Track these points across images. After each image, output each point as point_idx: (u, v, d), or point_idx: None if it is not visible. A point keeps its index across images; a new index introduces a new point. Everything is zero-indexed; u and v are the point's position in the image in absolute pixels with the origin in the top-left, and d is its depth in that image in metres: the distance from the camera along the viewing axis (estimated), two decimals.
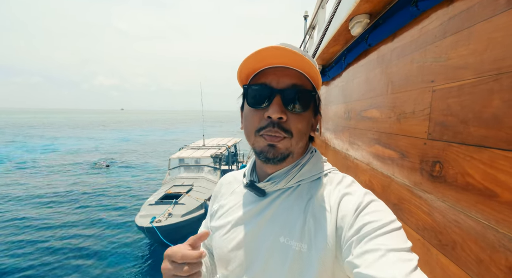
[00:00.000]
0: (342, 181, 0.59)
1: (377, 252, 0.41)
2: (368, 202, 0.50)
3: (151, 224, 6.22)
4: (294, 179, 0.59)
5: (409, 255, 0.42)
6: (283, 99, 0.55)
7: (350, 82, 1.89)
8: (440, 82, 0.80)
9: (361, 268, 0.42)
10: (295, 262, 0.52)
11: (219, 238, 0.66)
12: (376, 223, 0.45)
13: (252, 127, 0.58)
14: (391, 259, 0.40)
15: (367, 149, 1.47)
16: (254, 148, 0.59)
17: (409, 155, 0.98)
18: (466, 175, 0.67)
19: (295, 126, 0.56)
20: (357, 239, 0.45)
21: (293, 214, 0.56)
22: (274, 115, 0.54)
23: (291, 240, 0.54)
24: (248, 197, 0.66)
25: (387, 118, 1.20)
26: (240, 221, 0.64)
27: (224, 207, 0.71)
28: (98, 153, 21.23)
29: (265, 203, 0.61)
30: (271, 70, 0.57)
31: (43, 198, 10.50)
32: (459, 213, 0.69)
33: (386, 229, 0.44)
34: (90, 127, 52.70)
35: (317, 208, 0.55)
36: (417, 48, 0.96)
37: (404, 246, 0.43)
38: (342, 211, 0.51)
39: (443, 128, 0.78)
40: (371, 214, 0.48)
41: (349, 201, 0.52)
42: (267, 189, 0.61)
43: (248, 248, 0.60)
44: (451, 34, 0.76)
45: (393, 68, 1.17)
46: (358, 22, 1.38)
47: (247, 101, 0.59)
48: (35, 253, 6.77)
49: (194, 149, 10.90)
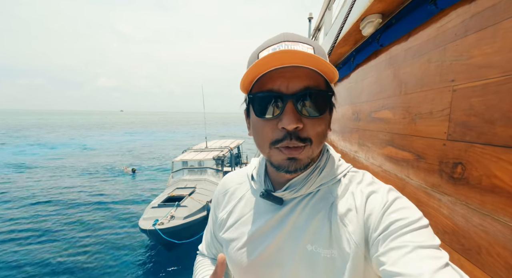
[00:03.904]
0: (363, 179, 0.56)
1: (404, 249, 0.40)
2: (393, 200, 0.48)
3: (153, 226, 6.23)
4: (315, 184, 0.56)
5: (438, 253, 0.40)
6: (296, 105, 0.48)
7: (359, 83, 1.87)
8: (462, 82, 0.78)
9: (386, 265, 0.40)
10: (326, 269, 0.50)
11: (235, 251, 0.61)
12: (403, 220, 0.44)
13: (265, 140, 0.51)
14: (418, 255, 0.39)
15: (378, 150, 1.44)
16: (272, 161, 0.53)
17: (426, 156, 0.95)
18: (492, 177, 0.65)
19: (314, 132, 0.50)
20: (384, 237, 0.44)
21: (317, 220, 0.53)
22: (289, 126, 0.47)
23: (319, 247, 0.51)
24: (262, 205, 0.61)
25: (401, 119, 1.18)
26: (257, 232, 0.59)
27: (234, 216, 0.65)
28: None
29: (285, 211, 0.57)
30: (277, 72, 0.48)
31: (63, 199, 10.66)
32: (485, 216, 0.67)
33: (413, 226, 0.43)
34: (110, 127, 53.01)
35: (342, 211, 0.52)
36: (434, 47, 0.94)
37: (432, 243, 0.41)
38: (368, 210, 0.49)
39: (465, 128, 0.75)
40: (398, 212, 0.46)
41: (374, 200, 0.50)
42: (285, 197, 0.57)
43: (273, 260, 0.56)
44: (473, 32, 0.74)
45: (407, 68, 1.15)
46: (370, 22, 1.36)
47: (254, 111, 0.52)
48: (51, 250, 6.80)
49: (197, 151, 10.92)
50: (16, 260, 6.50)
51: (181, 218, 6.72)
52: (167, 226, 6.38)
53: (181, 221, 6.66)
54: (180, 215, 6.80)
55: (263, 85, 0.50)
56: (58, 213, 9.27)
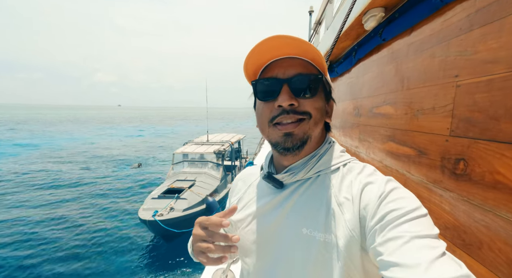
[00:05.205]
0: (363, 170, 0.57)
1: (401, 239, 0.40)
2: (390, 190, 0.48)
3: (153, 217, 6.29)
4: (312, 170, 0.58)
5: (435, 242, 0.40)
6: (291, 87, 0.55)
7: (361, 78, 1.86)
8: (466, 77, 0.77)
9: (384, 255, 0.41)
10: (319, 253, 0.52)
11: (241, 230, 0.66)
12: (399, 210, 0.44)
13: (264, 119, 0.59)
14: (415, 245, 0.39)
15: (379, 146, 1.44)
16: (270, 140, 0.59)
17: (428, 152, 0.95)
18: (495, 173, 0.65)
19: (311, 107, 0.56)
20: (380, 227, 0.44)
21: (314, 205, 0.55)
22: (284, 103, 0.54)
23: (314, 231, 0.53)
24: (266, 189, 0.65)
25: (402, 115, 1.18)
26: (259, 213, 0.63)
27: (243, 200, 0.70)
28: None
29: (284, 194, 0.60)
30: (277, 63, 0.58)
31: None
32: (487, 212, 0.67)
33: (410, 216, 0.43)
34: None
35: (339, 198, 0.54)
36: (438, 42, 0.93)
37: (430, 233, 0.41)
38: (365, 200, 0.50)
39: (469, 124, 0.75)
40: (395, 202, 0.46)
41: (371, 190, 0.50)
42: (285, 180, 0.60)
43: (270, 241, 0.59)
44: (479, 26, 0.73)
45: (410, 63, 1.14)
46: (372, 16, 1.34)
47: (257, 96, 0.60)
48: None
49: (198, 144, 10.92)
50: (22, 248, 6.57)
51: (180, 210, 6.78)
52: (167, 217, 6.44)
53: (180, 213, 6.71)
54: (179, 207, 6.85)
55: (265, 74, 0.60)
56: (58, 205, 9.33)
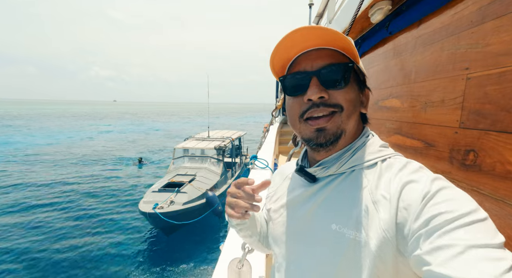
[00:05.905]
0: (406, 166, 0.50)
1: (454, 248, 0.35)
2: (438, 189, 0.42)
3: (153, 210, 6.34)
4: (346, 164, 0.55)
5: (499, 252, 0.34)
6: (320, 79, 0.52)
7: (366, 72, 1.86)
8: (477, 70, 0.78)
9: (433, 266, 0.36)
10: (349, 250, 0.49)
11: (274, 220, 0.68)
12: (450, 213, 0.38)
13: (294, 114, 0.57)
14: (473, 256, 0.34)
15: (385, 139, 1.46)
16: (302, 136, 0.57)
17: (436, 144, 0.97)
18: (506, 163, 0.66)
19: (342, 98, 0.52)
20: (426, 232, 0.39)
21: (347, 200, 0.52)
22: (314, 96, 0.52)
23: (344, 227, 0.50)
24: (299, 181, 0.64)
25: (410, 108, 1.19)
26: (290, 205, 0.64)
27: (278, 193, 0.72)
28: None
29: (316, 188, 0.58)
30: (304, 56, 0.55)
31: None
32: (497, 201, 0.69)
33: (464, 220, 0.37)
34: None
35: (374, 195, 0.49)
36: (448, 34, 0.94)
37: (491, 242, 0.35)
38: (405, 201, 0.45)
39: (479, 116, 0.76)
40: (443, 204, 0.40)
41: (413, 189, 0.45)
42: (318, 174, 0.58)
43: (298, 233, 0.59)
44: (491, 19, 0.74)
45: (418, 56, 1.14)
46: (379, 9, 1.34)
47: (286, 93, 0.58)
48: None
49: (199, 140, 10.97)
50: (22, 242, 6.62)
51: (181, 204, 6.85)
52: (167, 210, 6.51)
53: (180, 206, 6.79)
54: (179, 201, 6.93)
55: (292, 69, 0.58)
56: (60, 199, 9.37)
